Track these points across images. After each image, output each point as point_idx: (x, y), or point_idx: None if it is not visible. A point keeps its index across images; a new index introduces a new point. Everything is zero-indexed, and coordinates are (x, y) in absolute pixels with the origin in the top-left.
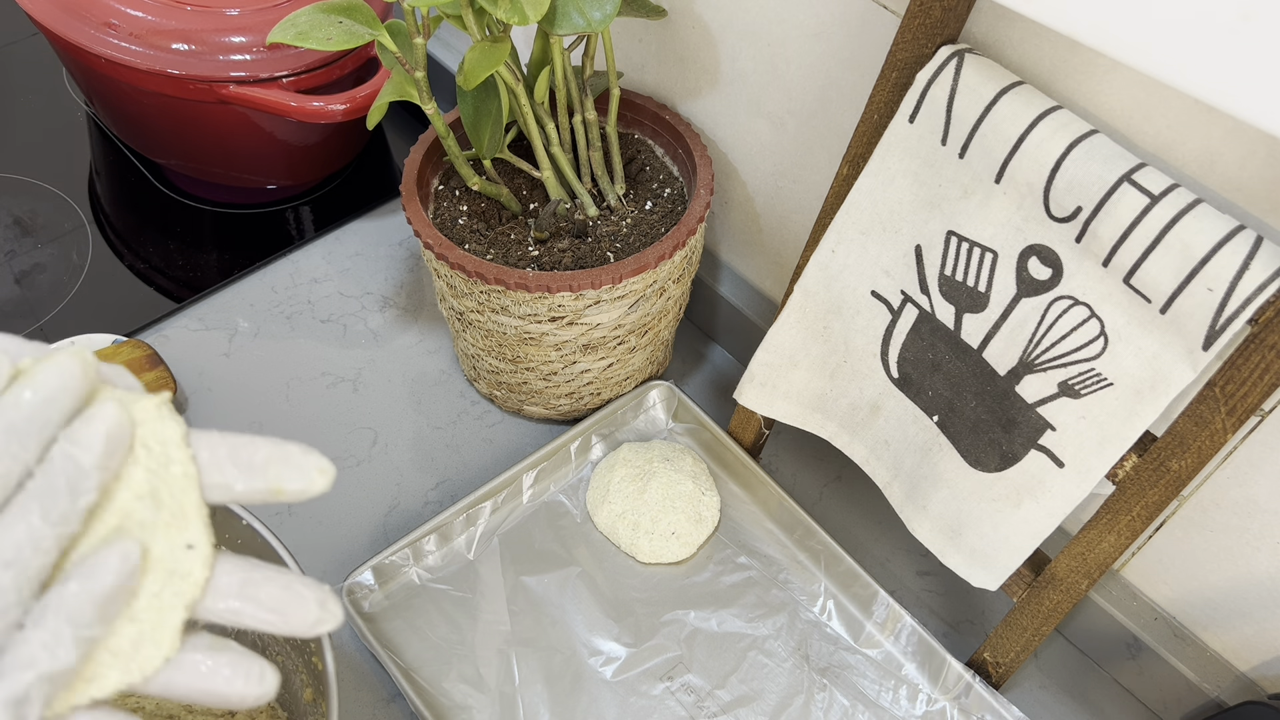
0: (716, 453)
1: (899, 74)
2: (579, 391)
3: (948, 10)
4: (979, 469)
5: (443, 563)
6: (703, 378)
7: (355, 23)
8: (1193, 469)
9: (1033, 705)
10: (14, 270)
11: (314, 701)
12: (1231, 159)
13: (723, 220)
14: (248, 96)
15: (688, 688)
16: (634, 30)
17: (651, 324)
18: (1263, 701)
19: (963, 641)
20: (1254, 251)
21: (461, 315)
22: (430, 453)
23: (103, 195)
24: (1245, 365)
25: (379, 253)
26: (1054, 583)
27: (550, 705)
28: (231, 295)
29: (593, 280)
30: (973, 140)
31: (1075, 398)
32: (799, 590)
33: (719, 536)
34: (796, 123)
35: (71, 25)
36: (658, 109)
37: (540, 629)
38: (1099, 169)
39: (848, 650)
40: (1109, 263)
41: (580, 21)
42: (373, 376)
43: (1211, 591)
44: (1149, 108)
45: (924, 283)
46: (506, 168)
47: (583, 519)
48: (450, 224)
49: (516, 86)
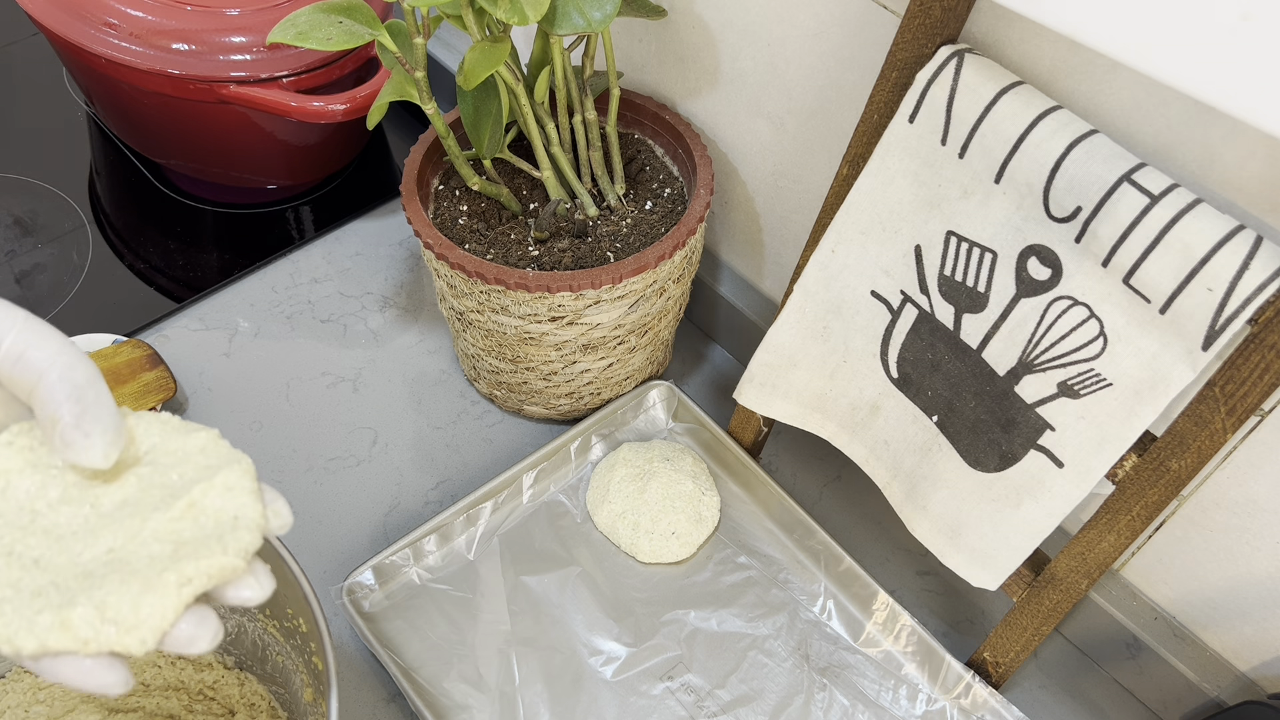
0: (716, 452)
1: (899, 74)
2: (579, 391)
3: (948, 10)
4: (978, 469)
5: (443, 563)
6: (703, 378)
7: (355, 23)
8: (1192, 469)
9: (1033, 705)
10: (14, 270)
11: (314, 701)
12: (1231, 159)
13: (723, 220)
14: (248, 96)
15: (688, 687)
16: (634, 30)
17: (651, 324)
18: (1263, 701)
19: (963, 641)
20: (1254, 251)
21: (461, 315)
22: (430, 453)
23: (103, 195)
24: (1245, 365)
25: (379, 253)
26: (1054, 582)
27: (550, 705)
28: (231, 295)
29: (593, 280)
30: (972, 140)
31: (1075, 398)
32: (799, 590)
33: (719, 536)
34: (796, 123)
35: (71, 25)
36: (658, 109)
37: (540, 629)
38: (1099, 169)
39: (848, 650)
40: (1109, 263)
41: (580, 21)
42: (373, 376)
43: (1211, 591)
44: (1149, 108)
45: (924, 283)
46: (506, 168)
47: (583, 519)
48: (450, 224)
49: (516, 86)
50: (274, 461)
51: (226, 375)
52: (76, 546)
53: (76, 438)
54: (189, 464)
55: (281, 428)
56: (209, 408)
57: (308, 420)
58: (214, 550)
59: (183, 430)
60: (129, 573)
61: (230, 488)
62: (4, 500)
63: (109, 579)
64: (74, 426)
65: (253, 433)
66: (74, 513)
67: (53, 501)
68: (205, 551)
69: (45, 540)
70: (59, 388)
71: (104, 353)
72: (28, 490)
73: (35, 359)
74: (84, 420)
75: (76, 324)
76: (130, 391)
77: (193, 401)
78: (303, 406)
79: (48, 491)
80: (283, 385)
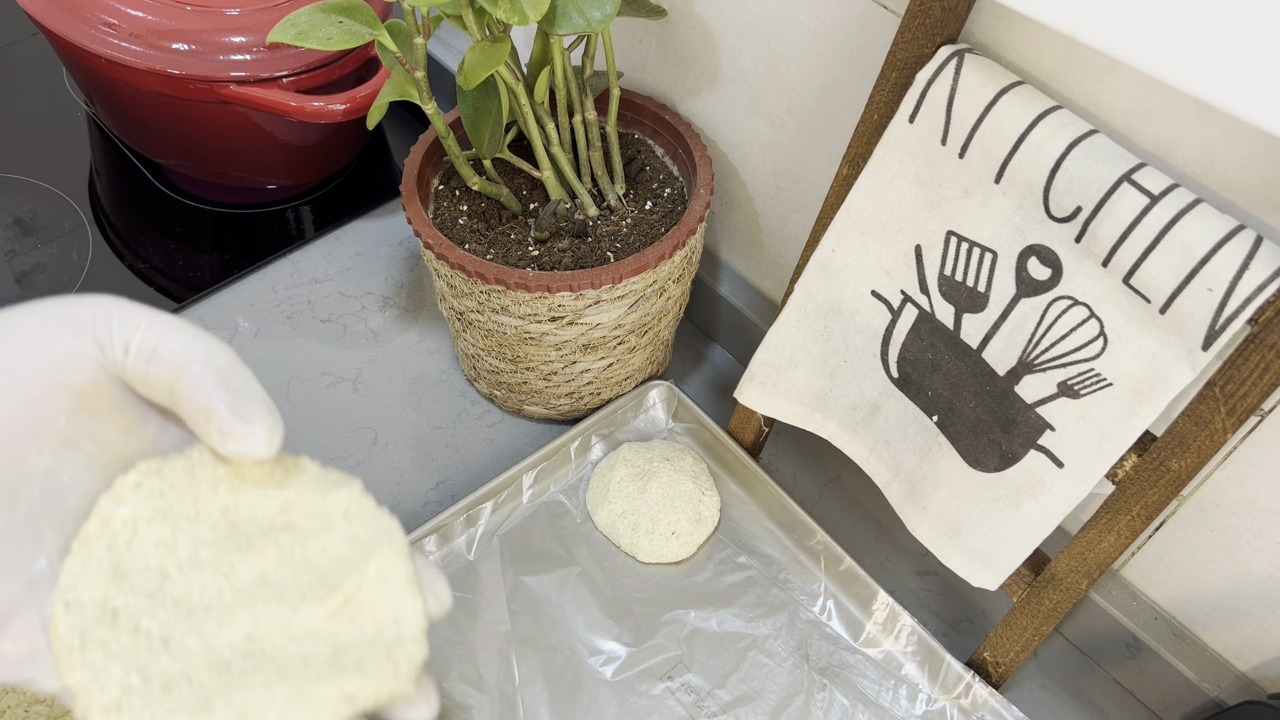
0: (716, 452)
1: (899, 74)
2: (579, 391)
3: (948, 10)
4: (979, 469)
5: (443, 563)
6: (703, 378)
7: (355, 22)
8: (1192, 469)
9: (1033, 705)
10: (14, 270)
11: None
12: (1231, 159)
13: (723, 220)
14: (248, 96)
15: (688, 687)
16: (634, 30)
17: (651, 324)
18: (1263, 701)
19: (963, 641)
20: (1254, 251)
21: (461, 315)
22: (430, 453)
23: (103, 195)
24: (1245, 365)
25: (379, 253)
26: (1054, 582)
27: (550, 705)
28: (231, 295)
29: (593, 280)
30: (972, 140)
31: (1075, 398)
32: (799, 590)
33: (719, 536)
34: (796, 123)
35: (71, 25)
36: (658, 109)
37: (540, 629)
38: (1099, 169)
39: (848, 650)
40: (1109, 263)
41: (580, 21)
42: (373, 376)
43: (1211, 591)
44: (1149, 108)
45: (924, 283)
46: (506, 168)
47: (583, 519)
48: (450, 224)
49: (516, 86)
50: None
51: None
52: (210, 626)
53: (235, 425)
54: (333, 534)
55: None
56: None
57: (308, 420)
58: (382, 669)
59: (322, 484)
60: (275, 674)
61: (386, 578)
62: (131, 556)
63: (251, 678)
64: (232, 414)
65: None
66: (206, 581)
67: (183, 563)
68: (372, 668)
69: (175, 614)
70: (204, 376)
71: None
72: (157, 544)
73: (170, 353)
74: (240, 406)
75: None
76: None
77: None
78: (303, 406)
79: (177, 549)
80: (283, 385)
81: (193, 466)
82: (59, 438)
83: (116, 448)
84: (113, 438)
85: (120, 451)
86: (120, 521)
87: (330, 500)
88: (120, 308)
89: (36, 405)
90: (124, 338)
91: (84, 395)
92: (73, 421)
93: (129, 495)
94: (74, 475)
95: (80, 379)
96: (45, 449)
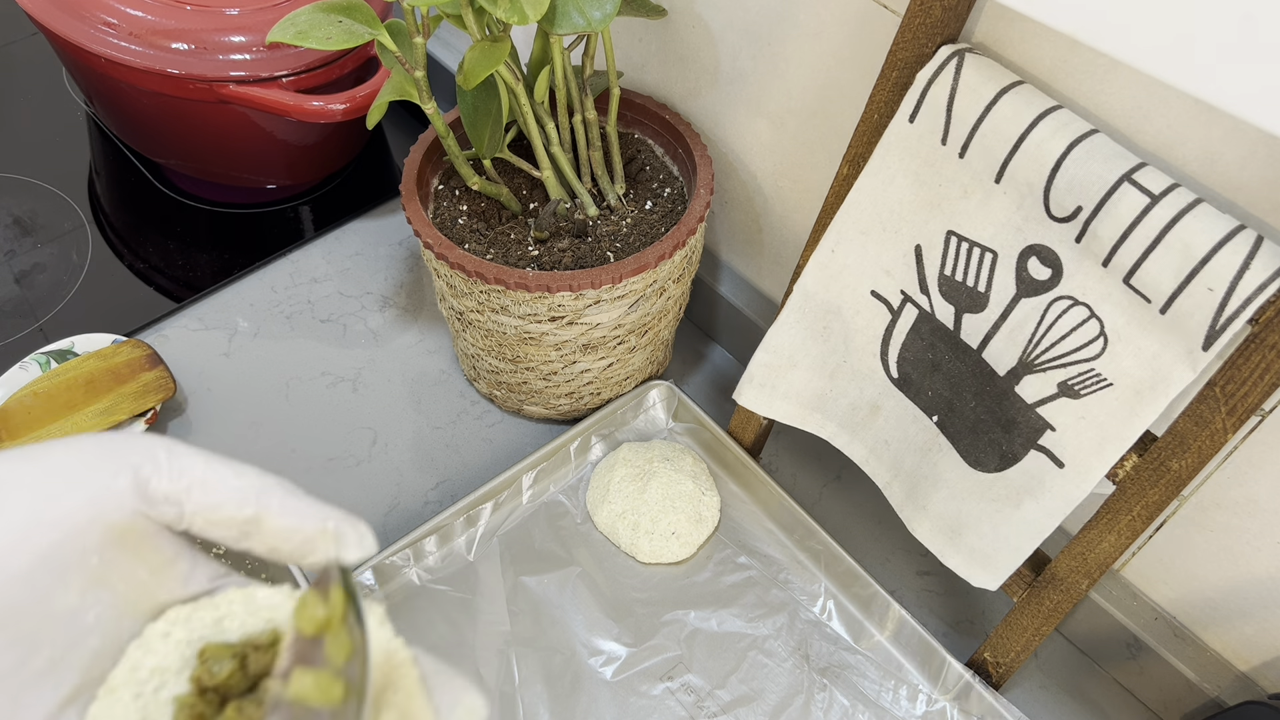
0: (716, 452)
1: (899, 74)
2: (579, 391)
3: (948, 10)
4: (979, 469)
5: (442, 563)
6: (703, 378)
7: (355, 22)
8: (1193, 469)
9: (1033, 705)
10: (14, 270)
11: None
12: (1231, 159)
13: (723, 220)
14: (248, 96)
15: (688, 688)
16: (634, 30)
17: (651, 324)
18: (1263, 701)
19: (963, 641)
20: (1254, 251)
21: (461, 315)
22: (430, 453)
23: (103, 195)
24: (1245, 365)
25: (379, 253)
26: (1054, 583)
27: (550, 705)
28: (231, 295)
29: (593, 280)
30: (973, 140)
31: (1075, 398)
32: (799, 590)
33: (719, 536)
34: (796, 122)
35: (71, 25)
36: (658, 109)
37: (540, 629)
38: (1099, 169)
39: (848, 650)
40: (1109, 263)
41: (580, 21)
42: (373, 376)
43: (1211, 591)
44: (1149, 108)
45: (924, 283)
46: (506, 167)
47: (583, 519)
48: (450, 224)
49: (516, 86)
50: (273, 462)
51: (226, 375)
52: None
53: (348, 529)
54: None
55: (281, 428)
56: (209, 408)
57: (307, 420)
58: None
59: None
60: None
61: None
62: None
63: None
64: (344, 520)
65: (252, 433)
66: None
67: None
68: None
69: None
70: (291, 501)
71: (103, 353)
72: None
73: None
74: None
75: (76, 324)
76: (130, 391)
77: (192, 402)
78: (302, 406)
79: None
80: (282, 385)
81: (220, 617)
82: (89, 575)
83: (147, 586)
84: (143, 576)
85: (150, 590)
86: (148, 671)
87: None
88: (168, 446)
89: (72, 539)
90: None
91: (119, 531)
92: (105, 559)
93: (158, 645)
94: (99, 614)
95: (116, 515)
96: (73, 586)
